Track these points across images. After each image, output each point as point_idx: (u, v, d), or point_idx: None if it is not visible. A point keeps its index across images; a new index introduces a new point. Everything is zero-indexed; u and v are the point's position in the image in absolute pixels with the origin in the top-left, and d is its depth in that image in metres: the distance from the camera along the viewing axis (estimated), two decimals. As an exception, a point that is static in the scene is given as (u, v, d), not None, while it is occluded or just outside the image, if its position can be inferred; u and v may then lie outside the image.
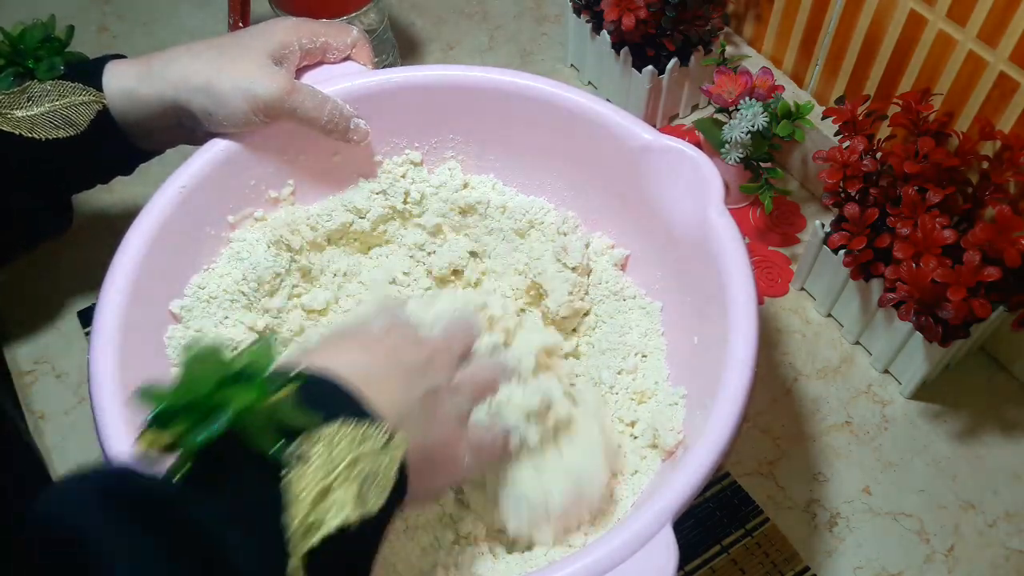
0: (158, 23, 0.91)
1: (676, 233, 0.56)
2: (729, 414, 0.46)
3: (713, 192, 0.54)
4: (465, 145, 0.65)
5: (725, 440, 0.45)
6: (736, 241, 0.52)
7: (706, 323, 0.54)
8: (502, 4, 0.92)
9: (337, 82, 0.60)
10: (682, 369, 0.57)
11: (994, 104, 0.59)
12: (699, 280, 0.54)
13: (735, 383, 0.47)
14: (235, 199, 0.60)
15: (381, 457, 0.37)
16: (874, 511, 0.60)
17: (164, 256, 0.55)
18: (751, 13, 0.80)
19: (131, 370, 0.49)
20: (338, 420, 0.37)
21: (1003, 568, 0.57)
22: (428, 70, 0.62)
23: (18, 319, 0.69)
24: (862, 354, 0.67)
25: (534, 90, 0.60)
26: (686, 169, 0.55)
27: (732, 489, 0.60)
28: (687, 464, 0.44)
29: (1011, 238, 0.54)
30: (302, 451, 0.35)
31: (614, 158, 0.59)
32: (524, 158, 0.64)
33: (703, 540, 0.58)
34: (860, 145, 0.61)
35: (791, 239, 0.73)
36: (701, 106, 0.82)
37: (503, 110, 0.62)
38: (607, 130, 0.58)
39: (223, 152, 0.58)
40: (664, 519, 0.42)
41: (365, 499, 0.36)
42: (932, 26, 0.62)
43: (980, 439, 0.63)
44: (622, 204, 0.61)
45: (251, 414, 0.34)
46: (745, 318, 0.49)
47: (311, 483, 0.34)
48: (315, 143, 0.60)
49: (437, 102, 0.62)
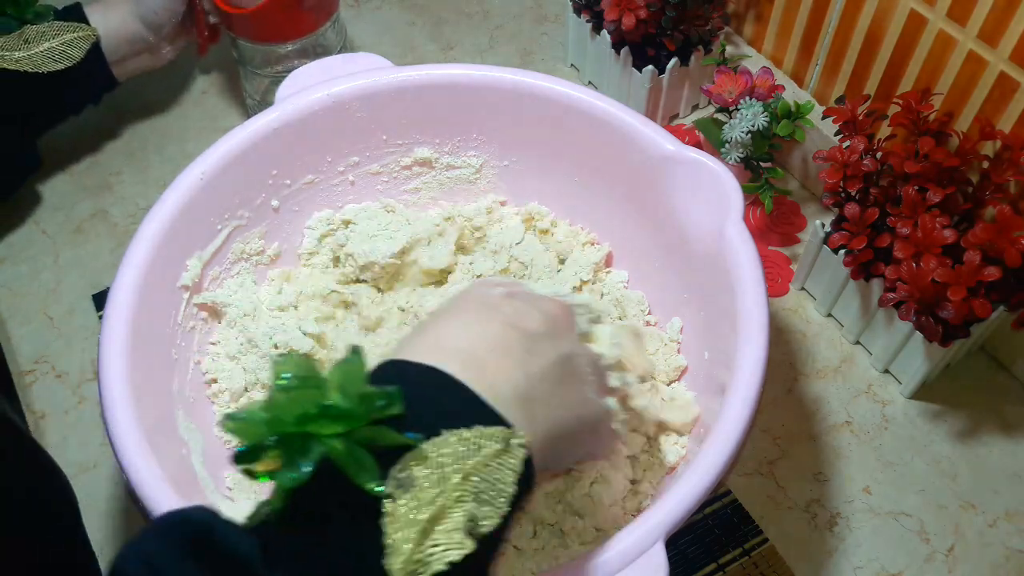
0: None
1: (693, 245, 0.56)
2: (731, 434, 0.45)
3: (733, 206, 0.53)
4: (488, 145, 0.65)
5: (724, 460, 0.44)
6: (752, 257, 0.51)
7: (717, 338, 0.53)
8: (502, 4, 0.92)
9: (358, 78, 0.60)
10: (691, 384, 0.57)
11: (994, 104, 0.59)
12: (712, 294, 0.54)
13: (739, 403, 0.46)
14: (254, 188, 0.61)
15: (502, 461, 0.33)
16: (874, 511, 0.60)
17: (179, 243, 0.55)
18: (751, 13, 0.80)
19: (142, 351, 0.50)
20: (447, 429, 0.32)
21: (1003, 568, 0.57)
22: (451, 68, 0.62)
23: (18, 319, 0.69)
24: (862, 354, 0.67)
25: (555, 92, 0.60)
26: (707, 182, 0.55)
27: (733, 507, 0.59)
28: (684, 482, 0.43)
29: (1011, 238, 0.54)
30: (407, 475, 0.31)
31: (634, 167, 0.59)
32: (543, 162, 0.64)
33: (700, 558, 0.57)
34: (860, 145, 0.60)
35: (791, 239, 0.73)
36: (701, 106, 0.82)
37: (519, 110, 0.62)
38: (629, 139, 0.58)
39: (240, 144, 0.58)
40: (656, 536, 0.41)
41: (478, 521, 0.31)
42: (932, 26, 0.62)
43: (980, 439, 0.63)
44: (640, 213, 0.61)
45: (347, 444, 0.31)
46: (755, 339, 0.48)
47: (414, 517, 0.30)
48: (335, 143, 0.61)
49: (462, 101, 0.62)
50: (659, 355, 0.60)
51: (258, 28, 0.72)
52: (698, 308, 0.57)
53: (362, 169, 0.65)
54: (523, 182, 0.66)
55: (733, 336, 0.49)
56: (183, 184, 0.55)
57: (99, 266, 0.72)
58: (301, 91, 0.60)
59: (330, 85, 0.60)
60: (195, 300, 0.58)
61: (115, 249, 0.72)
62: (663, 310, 0.63)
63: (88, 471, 0.61)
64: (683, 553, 0.57)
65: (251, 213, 0.61)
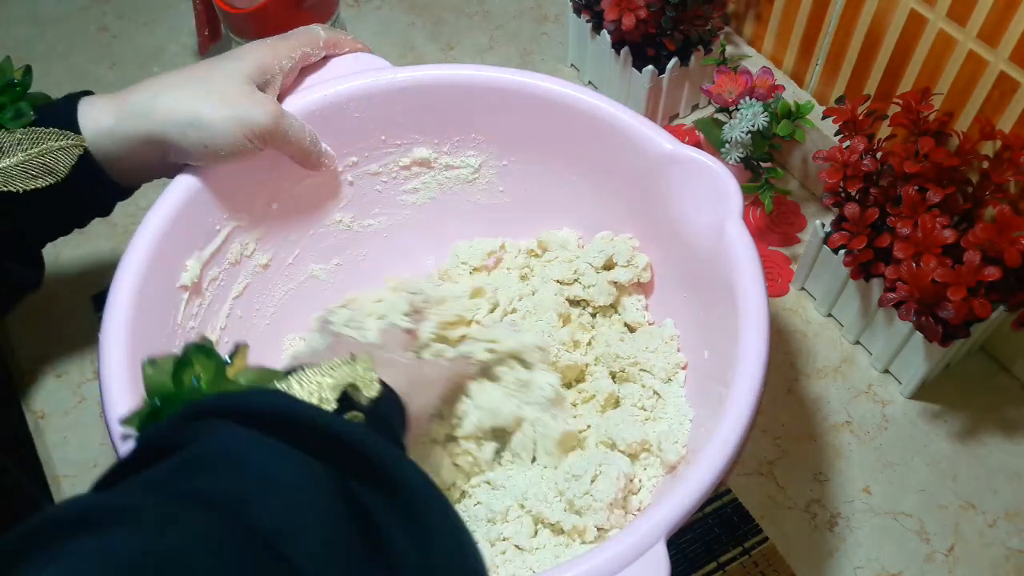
0: (158, 23, 0.91)
1: (692, 245, 0.56)
2: (732, 433, 0.45)
3: (733, 205, 0.53)
4: (486, 144, 0.65)
5: (726, 459, 0.44)
6: (752, 257, 0.51)
7: (717, 338, 0.53)
8: (502, 4, 0.92)
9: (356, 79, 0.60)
10: (691, 383, 0.57)
11: (994, 104, 0.59)
12: (712, 294, 0.54)
13: (740, 403, 0.46)
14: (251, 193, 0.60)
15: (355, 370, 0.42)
16: (874, 511, 0.60)
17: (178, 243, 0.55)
18: (751, 13, 0.80)
19: (142, 351, 0.49)
20: None
21: (1003, 568, 0.57)
22: (449, 68, 0.62)
23: (18, 319, 0.69)
24: (862, 354, 0.67)
25: (551, 92, 0.60)
26: (706, 181, 0.55)
27: (733, 506, 0.60)
28: (685, 481, 0.43)
29: (1011, 238, 0.54)
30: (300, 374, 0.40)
31: (633, 167, 0.59)
32: (542, 162, 0.64)
33: (700, 557, 0.58)
34: (860, 145, 0.60)
35: (791, 239, 0.73)
36: (701, 106, 0.82)
37: (518, 110, 0.62)
38: (627, 138, 0.58)
39: None
40: (658, 535, 0.41)
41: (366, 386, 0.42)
42: (932, 26, 0.62)
43: (980, 439, 0.63)
44: (639, 213, 0.61)
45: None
46: (755, 339, 0.48)
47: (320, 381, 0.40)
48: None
49: (461, 101, 0.62)
50: (658, 353, 0.60)
51: (258, 27, 0.72)
52: (698, 307, 0.57)
53: (360, 169, 0.65)
54: (522, 182, 0.66)
55: (734, 335, 0.49)
56: (182, 184, 0.55)
57: (99, 266, 0.72)
58: (299, 91, 0.60)
59: (328, 86, 0.60)
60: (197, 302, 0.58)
61: (115, 249, 0.72)
62: (663, 309, 0.63)
63: (88, 471, 0.61)
64: (683, 552, 0.57)
65: (250, 214, 0.61)
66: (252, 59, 0.56)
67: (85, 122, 0.53)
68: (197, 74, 0.54)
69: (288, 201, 0.62)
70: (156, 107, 0.53)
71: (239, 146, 0.54)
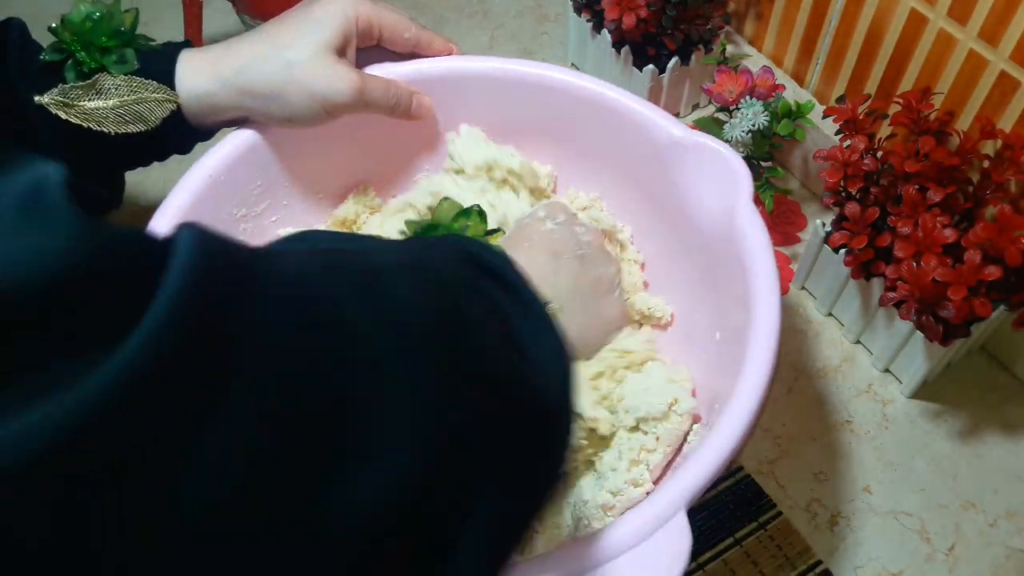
0: (158, 23, 0.91)
1: (703, 229, 0.56)
2: (748, 404, 0.45)
3: (742, 188, 0.53)
4: (495, 134, 0.65)
5: (744, 428, 0.45)
6: (763, 238, 0.51)
7: (729, 319, 0.54)
8: (503, 3, 0.92)
9: None
10: (703, 362, 0.58)
11: (995, 103, 0.59)
12: (724, 275, 0.54)
13: (754, 374, 0.47)
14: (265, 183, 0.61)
15: None
16: (875, 510, 0.60)
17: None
18: (752, 12, 0.80)
19: None
20: None
21: (1004, 567, 0.57)
22: (452, 61, 0.63)
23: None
24: (863, 353, 0.67)
25: (557, 80, 0.60)
26: (715, 165, 0.55)
27: (746, 483, 0.60)
28: (703, 451, 0.44)
29: (1012, 237, 0.54)
30: None
31: (641, 153, 0.59)
32: (552, 150, 0.65)
33: (716, 532, 0.58)
34: (861, 144, 0.60)
35: (792, 238, 0.73)
36: (702, 105, 0.82)
37: (526, 99, 0.62)
38: (637, 125, 0.58)
39: (245, 142, 0.59)
40: (678, 504, 0.42)
41: None
42: (933, 25, 0.62)
43: (981, 438, 0.63)
44: (649, 199, 0.61)
45: None
46: (767, 316, 0.49)
47: None
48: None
49: (467, 92, 0.63)
50: None
51: (269, 7, 0.72)
52: (710, 290, 0.57)
53: None
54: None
55: (746, 314, 0.49)
56: (190, 183, 0.56)
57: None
58: None
59: None
60: None
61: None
62: (675, 293, 0.63)
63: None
64: (699, 529, 0.58)
65: (254, 212, 0.61)
66: (334, 25, 0.57)
67: (182, 80, 0.56)
68: (283, 40, 0.56)
69: (289, 199, 0.63)
70: (242, 82, 0.56)
71: (320, 120, 0.58)
